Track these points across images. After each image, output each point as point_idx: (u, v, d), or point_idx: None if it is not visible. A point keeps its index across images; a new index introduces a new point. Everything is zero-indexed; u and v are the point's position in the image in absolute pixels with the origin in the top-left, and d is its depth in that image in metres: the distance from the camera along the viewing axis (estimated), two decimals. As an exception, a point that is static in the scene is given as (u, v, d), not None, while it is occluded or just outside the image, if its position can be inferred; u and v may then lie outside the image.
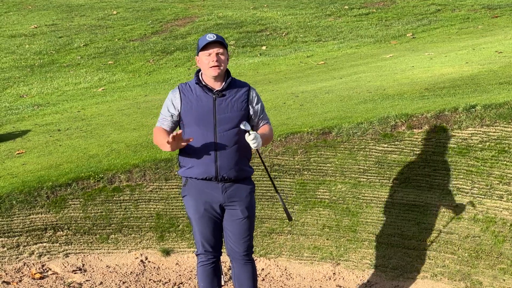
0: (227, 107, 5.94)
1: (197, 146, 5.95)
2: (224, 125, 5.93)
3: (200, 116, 5.94)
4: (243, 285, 6.37)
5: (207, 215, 6.12)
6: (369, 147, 8.20)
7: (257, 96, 6.12)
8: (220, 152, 5.94)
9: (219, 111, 5.93)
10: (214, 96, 5.94)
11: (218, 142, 5.92)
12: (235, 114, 5.96)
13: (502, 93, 8.75)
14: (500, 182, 7.49)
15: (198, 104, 5.95)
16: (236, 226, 6.18)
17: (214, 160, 5.96)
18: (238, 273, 6.36)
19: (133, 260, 8.09)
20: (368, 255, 7.78)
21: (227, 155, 5.96)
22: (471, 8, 20.66)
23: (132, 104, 12.98)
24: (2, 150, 10.25)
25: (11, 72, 17.14)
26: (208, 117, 5.92)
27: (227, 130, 5.94)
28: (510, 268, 7.07)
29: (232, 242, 6.23)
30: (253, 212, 6.25)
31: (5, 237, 8.03)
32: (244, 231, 6.20)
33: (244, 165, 6.15)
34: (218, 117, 5.92)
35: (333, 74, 13.71)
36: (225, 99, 5.96)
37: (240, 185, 6.14)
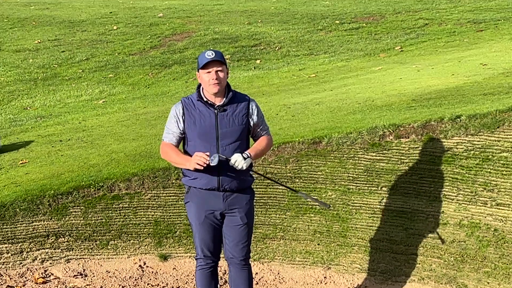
0: (229, 121, 5.97)
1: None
2: (226, 139, 5.97)
3: (203, 131, 5.97)
4: None
5: (207, 222, 6.15)
6: (358, 155, 8.21)
7: (256, 108, 6.15)
8: (223, 165, 5.92)
9: (221, 125, 5.96)
10: (216, 111, 5.97)
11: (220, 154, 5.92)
12: (236, 128, 6.00)
13: (486, 104, 8.76)
14: (484, 189, 7.50)
15: (201, 119, 5.98)
16: (235, 232, 6.20)
17: (217, 173, 5.98)
18: (235, 277, 6.37)
19: (132, 265, 8.09)
20: (357, 259, 7.78)
21: (229, 168, 5.95)
22: (457, 22, 20.69)
23: (131, 116, 12.97)
24: (6, 160, 10.25)
25: (15, 85, 17.13)
26: (211, 131, 5.96)
27: (229, 144, 5.97)
28: (494, 272, 7.07)
29: (231, 247, 6.25)
30: (251, 219, 6.29)
31: (9, 243, 8.02)
32: (243, 237, 6.23)
33: (245, 176, 6.17)
34: (221, 132, 5.96)
35: (324, 86, 13.72)
36: (227, 114, 5.98)
37: (240, 194, 6.18)
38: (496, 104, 8.50)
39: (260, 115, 6.18)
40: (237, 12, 25.14)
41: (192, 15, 24.68)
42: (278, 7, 26.14)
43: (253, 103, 6.14)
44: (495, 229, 7.26)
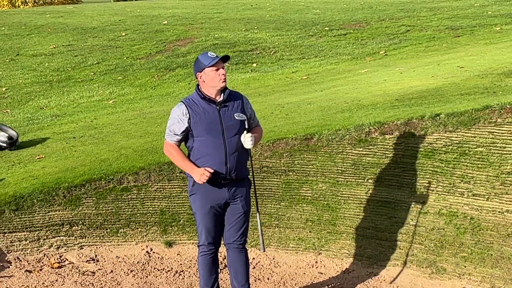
0: (230, 115, 6.07)
1: (210, 151, 6.05)
2: (231, 131, 6.04)
3: (209, 126, 6.02)
4: (238, 271, 6.41)
5: (212, 211, 6.21)
6: (346, 151, 8.21)
7: (249, 103, 6.28)
8: (230, 155, 6.05)
9: (224, 119, 6.03)
10: (218, 107, 6.02)
11: (228, 148, 6.04)
12: (237, 121, 6.08)
13: (463, 103, 8.77)
14: (462, 181, 7.50)
15: (205, 115, 6.02)
16: (236, 219, 6.29)
17: (225, 162, 6.05)
18: (233, 260, 6.40)
19: (139, 251, 8.09)
20: (346, 245, 7.78)
21: (235, 158, 6.08)
22: (436, 29, 20.69)
23: (139, 115, 12.97)
24: (25, 155, 10.24)
25: (32, 87, 17.10)
26: (216, 126, 6.02)
27: (233, 135, 6.06)
28: (470, 256, 7.08)
29: (231, 233, 6.33)
30: (249, 207, 6.38)
31: (27, 231, 8.02)
32: (242, 224, 6.31)
33: (245, 166, 6.30)
34: (225, 125, 6.03)
35: (315, 88, 13.71)
36: (227, 109, 6.07)
37: (241, 183, 6.27)
38: (472, 104, 8.50)
39: (252, 108, 6.33)
40: (235, 20, 25.11)
41: (194, 23, 24.64)
42: (272, 15, 26.11)
43: (245, 98, 6.28)
44: (471, 218, 7.26)
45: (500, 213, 7.17)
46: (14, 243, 7.97)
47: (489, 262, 6.97)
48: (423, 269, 7.27)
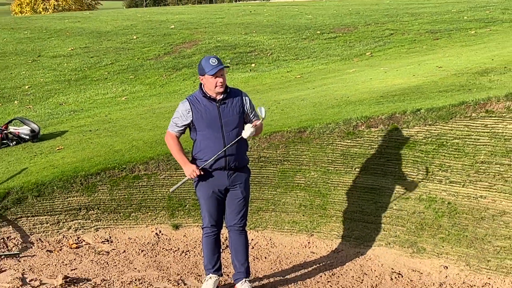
0: (229, 112, 6.13)
1: (211, 144, 6.13)
2: (229, 126, 6.12)
3: (209, 121, 6.10)
4: (238, 251, 6.44)
5: (214, 196, 6.28)
6: (336, 142, 8.21)
7: (248, 100, 6.30)
8: (228, 148, 6.12)
9: (223, 116, 6.10)
10: (218, 105, 6.09)
11: (225, 139, 6.11)
12: (235, 117, 6.15)
13: (441, 99, 8.76)
14: (440, 169, 7.51)
15: (206, 112, 6.10)
16: (236, 203, 6.34)
17: (224, 154, 6.12)
18: (234, 241, 6.43)
19: (149, 233, 8.09)
20: (335, 228, 7.79)
21: (233, 149, 6.15)
22: (417, 32, 20.66)
23: (148, 110, 12.95)
24: (45, 147, 10.23)
25: (52, 85, 17.07)
26: (216, 121, 6.09)
27: (232, 130, 6.13)
28: (447, 237, 7.09)
29: (231, 216, 6.38)
30: (248, 193, 6.43)
31: (48, 215, 8.03)
32: (241, 208, 6.36)
33: (244, 155, 6.36)
34: (224, 121, 6.10)
35: (308, 86, 13.70)
36: (226, 106, 6.13)
37: (241, 172, 6.32)
38: (449, 100, 8.50)
39: (252, 105, 6.33)
40: (236, 24, 25.06)
41: (199, 27, 24.59)
42: (269, 20, 26.07)
43: (245, 96, 6.30)
44: (449, 203, 7.27)
45: (475, 199, 7.18)
46: (36, 226, 7.97)
47: (465, 243, 6.98)
48: (405, 249, 7.28)
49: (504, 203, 7.00)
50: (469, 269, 6.83)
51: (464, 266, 6.86)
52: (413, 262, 7.14)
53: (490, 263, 6.76)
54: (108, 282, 6.83)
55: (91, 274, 7.05)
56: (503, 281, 6.59)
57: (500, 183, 7.13)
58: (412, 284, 6.83)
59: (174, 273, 7.08)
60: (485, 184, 7.20)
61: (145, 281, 6.86)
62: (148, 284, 6.77)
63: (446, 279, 6.84)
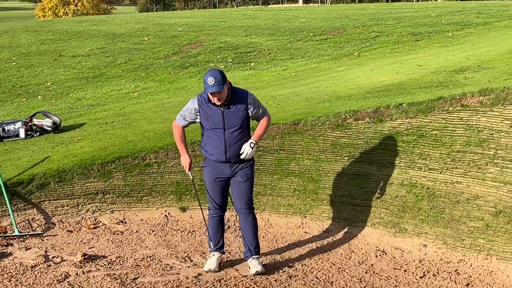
0: (232, 116, 6.13)
1: (214, 142, 6.20)
2: (231, 128, 6.13)
3: (213, 124, 6.13)
4: (247, 231, 6.48)
5: (217, 182, 6.33)
6: (327, 133, 8.21)
7: (253, 101, 6.22)
8: (229, 146, 6.17)
9: (226, 119, 6.11)
10: (222, 109, 6.09)
11: (227, 140, 6.15)
12: (238, 120, 6.14)
13: (421, 95, 8.75)
14: (420, 158, 7.51)
15: (211, 115, 6.13)
16: (239, 187, 6.35)
17: (224, 152, 6.18)
18: (242, 223, 6.48)
19: (159, 215, 8.10)
20: (326, 210, 7.79)
21: (234, 148, 6.17)
22: (400, 34, 20.62)
23: (158, 104, 12.94)
24: (66, 137, 10.22)
25: (72, 82, 17.03)
26: (219, 124, 6.12)
27: (233, 131, 6.14)
28: (426, 219, 7.10)
29: (237, 200, 6.40)
30: (252, 178, 6.41)
31: (68, 199, 8.03)
32: (245, 191, 6.37)
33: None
34: (226, 123, 6.12)
35: (301, 82, 13.68)
36: (230, 110, 6.12)
37: (242, 163, 6.31)
38: (429, 95, 8.49)
39: (256, 104, 6.26)
40: (237, 27, 24.99)
41: (204, 30, 24.53)
42: (267, 23, 25.99)
43: (250, 97, 6.22)
44: (428, 188, 7.27)
45: (451, 184, 7.18)
46: (58, 209, 7.97)
47: (442, 223, 6.99)
48: (389, 229, 7.29)
49: (477, 188, 7.01)
50: (446, 247, 6.84)
51: (442, 245, 6.88)
52: (395, 241, 7.15)
53: (464, 241, 6.77)
54: (122, 258, 6.84)
55: (107, 251, 7.06)
56: (476, 258, 6.61)
57: (474, 170, 7.13)
58: (394, 260, 6.84)
59: (181, 251, 7.09)
60: (461, 171, 7.21)
61: (155, 258, 6.87)
62: (158, 261, 6.78)
63: (425, 256, 6.86)
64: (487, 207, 6.83)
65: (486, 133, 7.31)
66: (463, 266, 6.59)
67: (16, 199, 7.88)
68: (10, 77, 17.90)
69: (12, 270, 6.42)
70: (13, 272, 6.37)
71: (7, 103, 14.91)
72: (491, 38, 17.51)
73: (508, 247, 6.50)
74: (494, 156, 7.09)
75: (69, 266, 6.54)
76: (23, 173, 8.24)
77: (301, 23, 25.50)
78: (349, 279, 6.43)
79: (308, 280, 6.34)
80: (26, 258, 6.79)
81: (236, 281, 6.26)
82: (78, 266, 6.52)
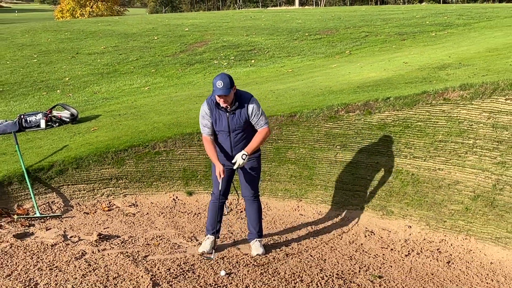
0: (237, 120, 6.07)
1: (221, 144, 6.19)
2: (236, 131, 6.09)
3: (221, 127, 6.10)
4: (251, 217, 6.46)
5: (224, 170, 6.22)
6: (320, 124, 8.19)
7: (253, 110, 6.08)
8: (235, 146, 6.14)
9: (231, 123, 6.06)
10: (228, 114, 6.03)
11: (232, 141, 6.12)
12: (242, 124, 6.08)
13: (407, 89, 8.74)
14: (405, 147, 7.50)
15: (219, 119, 6.07)
16: (246, 178, 6.33)
17: (231, 151, 6.17)
18: (248, 208, 6.45)
19: (168, 198, 8.09)
20: (320, 195, 7.79)
21: (238, 147, 6.14)
22: (388, 34, 20.57)
23: (167, 98, 12.91)
24: (82, 128, 10.21)
25: (88, 77, 17.00)
26: (225, 127, 6.08)
27: (238, 133, 6.10)
28: (411, 202, 7.10)
29: (244, 188, 6.38)
30: (258, 168, 6.35)
31: (84, 184, 8.03)
32: (251, 181, 6.35)
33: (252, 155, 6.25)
34: (231, 127, 6.07)
35: (298, 78, 13.66)
36: (235, 116, 6.06)
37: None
38: (414, 90, 8.48)
39: (257, 114, 6.10)
40: (239, 27, 24.93)
41: (208, 29, 24.47)
42: (266, 24, 25.93)
43: (252, 104, 6.08)
44: (412, 174, 7.27)
45: (434, 170, 7.18)
46: (75, 193, 7.97)
47: (425, 207, 6.99)
48: (377, 212, 7.29)
49: (458, 174, 7.00)
50: (429, 228, 6.84)
51: (425, 226, 6.88)
52: (383, 223, 7.15)
53: (446, 223, 6.77)
54: (134, 238, 6.84)
55: (120, 232, 7.07)
56: (456, 238, 6.61)
57: (454, 158, 7.13)
58: (382, 240, 6.85)
59: (188, 231, 7.09)
60: (442, 158, 7.20)
61: (164, 237, 6.88)
62: (167, 240, 6.78)
63: (409, 236, 6.86)
64: (467, 192, 6.83)
65: (466, 124, 7.30)
66: (444, 245, 6.60)
67: (37, 184, 7.88)
68: (31, 73, 17.87)
69: (34, 248, 6.43)
70: (34, 250, 6.38)
71: (29, 96, 14.90)
72: (471, 38, 17.47)
73: (486, 228, 6.50)
74: (473, 145, 7.08)
75: (86, 244, 6.54)
76: (43, 160, 8.24)
77: (298, 24, 25.43)
78: (341, 257, 6.43)
79: (303, 258, 6.35)
80: (46, 237, 6.80)
81: (238, 258, 6.27)
82: (93, 245, 6.53)
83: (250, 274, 5.89)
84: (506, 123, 7.04)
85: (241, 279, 5.76)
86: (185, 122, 9.30)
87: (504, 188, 6.60)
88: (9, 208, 7.52)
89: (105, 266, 5.99)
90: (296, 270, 6.00)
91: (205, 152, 7.13)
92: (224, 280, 5.73)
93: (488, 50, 12.79)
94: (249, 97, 6.08)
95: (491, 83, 7.63)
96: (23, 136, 10.02)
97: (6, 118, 11.66)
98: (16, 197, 7.68)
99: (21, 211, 7.47)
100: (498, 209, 6.52)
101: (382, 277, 5.92)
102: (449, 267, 6.16)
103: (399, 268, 6.16)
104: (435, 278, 5.94)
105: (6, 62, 19.65)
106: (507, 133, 6.96)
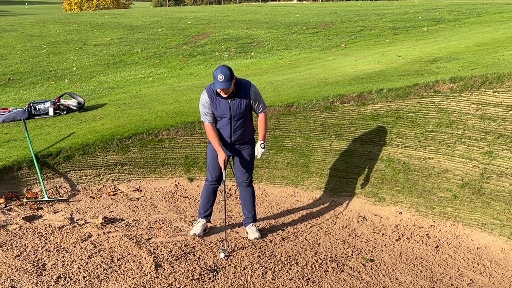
0: (238, 106, 6.00)
1: (222, 129, 6.10)
2: (236, 117, 6.03)
3: (221, 113, 6.01)
4: (246, 201, 6.46)
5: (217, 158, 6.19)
6: (317, 115, 8.18)
7: (254, 93, 6.06)
8: (235, 132, 6.09)
9: (232, 109, 5.99)
10: (229, 101, 5.96)
11: (232, 126, 6.06)
12: (242, 110, 6.02)
13: (400, 82, 8.72)
14: (397, 136, 7.50)
15: (219, 106, 5.99)
16: (241, 164, 6.32)
17: (230, 136, 6.10)
18: (242, 193, 6.45)
19: (170, 184, 8.09)
20: (315, 182, 7.79)
21: (238, 133, 6.10)
22: (381, 29, 20.50)
23: (170, 88, 12.88)
24: (89, 116, 10.18)
25: (95, 68, 16.94)
26: (226, 113, 6.00)
27: (238, 119, 6.04)
28: (402, 190, 7.11)
29: (238, 174, 6.37)
30: (252, 156, 6.35)
31: (91, 169, 8.02)
32: (245, 167, 6.33)
33: (248, 135, 6.25)
34: (233, 113, 6.01)
35: (295, 70, 13.62)
36: (235, 101, 5.99)
37: (244, 144, 6.26)
38: (406, 82, 8.46)
39: (257, 97, 6.09)
40: (239, 21, 24.83)
41: (210, 23, 24.36)
42: (266, 18, 25.83)
43: (252, 89, 6.05)
44: (404, 163, 7.27)
45: (424, 160, 7.18)
46: (82, 178, 7.97)
47: (416, 194, 7.00)
48: (369, 198, 7.29)
49: (447, 163, 7.00)
50: (419, 214, 6.85)
51: (415, 212, 6.89)
52: (375, 209, 7.16)
53: (435, 210, 6.78)
54: (138, 221, 6.85)
55: (125, 215, 7.07)
56: (445, 224, 6.62)
57: (444, 148, 7.13)
58: (374, 225, 6.86)
59: (189, 215, 7.10)
60: (432, 148, 7.20)
61: (166, 221, 6.88)
62: (169, 224, 6.79)
63: (400, 222, 6.87)
64: (455, 180, 6.83)
65: (455, 115, 7.29)
66: (433, 231, 6.61)
67: (46, 169, 7.87)
68: (40, 63, 17.81)
69: (42, 230, 6.43)
70: (43, 232, 6.38)
71: (38, 85, 14.85)
72: (461, 33, 17.42)
73: (473, 215, 6.51)
74: (462, 136, 7.08)
75: (92, 227, 6.55)
76: (51, 146, 8.22)
77: (296, 18, 25.33)
78: (334, 241, 6.44)
79: (299, 242, 6.36)
80: (54, 220, 6.80)
81: (236, 241, 6.28)
82: (99, 228, 6.53)
83: (248, 256, 5.91)
84: (494, 115, 7.03)
85: (239, 261, 5.78)
86: (187, 111, 9.28)
87: (490, 177, 6.61)
88: (19, 192, 7.52)
89: (110, 247, 6.00)
90: (292, 253, 6.02)
91: (206, 140, 7.13)
92: (223, 262, 5.75)
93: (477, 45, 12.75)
94: (248, 83, 6.06)
95: (480, 76, 7.61)
96: (32, 123, 9.99)
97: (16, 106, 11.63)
98: (25, 182, 7.67)
99: (30, 194, 7.47)
100: (485, 196, 6.52)
101: (373, 261, 5.94)
102: (438, 252, 6.18)
103: (389, 252, 6.17)
104: (424, 262, 5.96)
105: (17, 52, 19.58)
106: (494, 124, 6.95)
